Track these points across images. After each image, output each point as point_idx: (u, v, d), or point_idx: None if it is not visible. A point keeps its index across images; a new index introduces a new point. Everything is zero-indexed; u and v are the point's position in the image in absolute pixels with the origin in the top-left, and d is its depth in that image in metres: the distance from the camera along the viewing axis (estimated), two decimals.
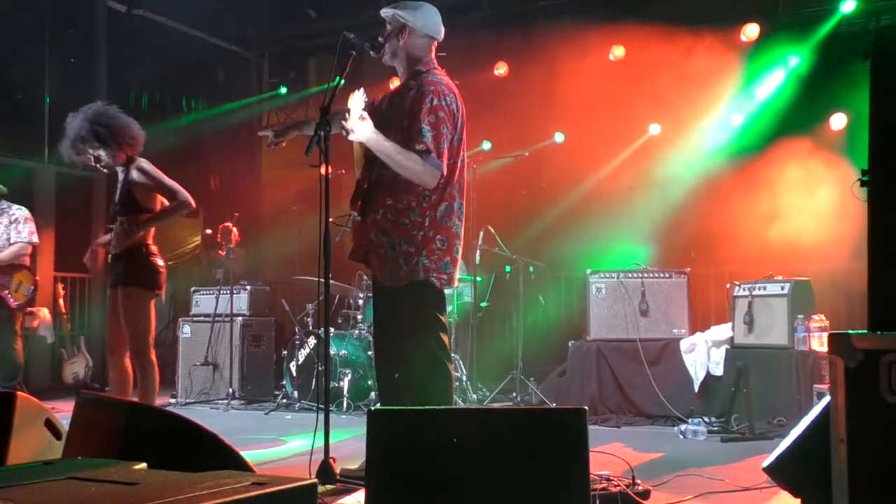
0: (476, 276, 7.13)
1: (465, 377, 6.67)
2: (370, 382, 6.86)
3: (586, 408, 2.58)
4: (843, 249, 6.65)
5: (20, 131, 8.80)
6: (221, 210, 10.65)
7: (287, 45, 11.28)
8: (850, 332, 2.07)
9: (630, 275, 6.57)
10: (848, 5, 7.78)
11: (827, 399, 2.20)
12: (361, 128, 3.53)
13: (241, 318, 7.82)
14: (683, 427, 5.50)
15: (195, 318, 8.08)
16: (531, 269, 7.34)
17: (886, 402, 2.01)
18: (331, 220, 3.88)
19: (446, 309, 3.91)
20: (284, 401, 7.14)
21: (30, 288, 6.51)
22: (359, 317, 7.22)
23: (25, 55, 8.91)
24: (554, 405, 6.24)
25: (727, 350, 6.08)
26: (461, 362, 6.71)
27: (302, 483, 1.85)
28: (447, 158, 3.63)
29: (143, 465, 2.03)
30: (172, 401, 7.62)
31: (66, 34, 9.32)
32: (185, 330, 8.01)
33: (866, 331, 2.10)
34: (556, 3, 9.17)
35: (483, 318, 7.79)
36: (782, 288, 5.87)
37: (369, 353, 6.96)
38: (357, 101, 3.62)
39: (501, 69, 9.15)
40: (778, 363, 5.70)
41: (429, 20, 3.86)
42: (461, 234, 3.81)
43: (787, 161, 7.52)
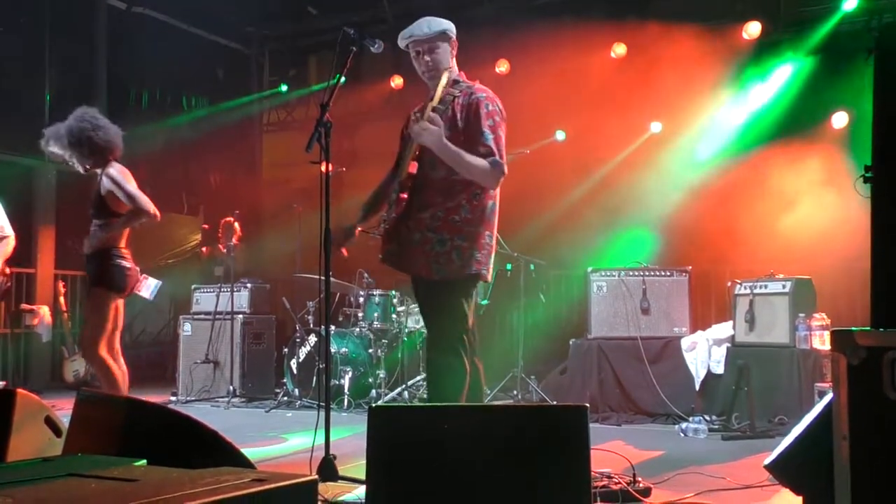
0: None
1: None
2: (371, 380, 6.86)
3: (587, 405, 2.58)
4: (845, 247, 6.64)
5: (20, 129, 8.79)
6: (222, 208, 10.64)
7: (287, 43, 11.27)
8: (853, 328, 2.07)
9: (631, 273, 6.56)
10: (850, 3, 7.76)
11: (829, 396, 2.19)
12: (431, 132, 3.61)
13: (241, 316, 7.81)
14: (684, 425, 5.50)
15: (196, 316, 8.07)
16: (532, 266, 7.32)
17: (889, 399, 2.00)
18: (358, 228, 3.96)
19: None
20: (285, 398, 7.14)
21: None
22: (360, 314, 7.22)
23: (25, 52, 8.90)
24: (555, 403, 6.24)
25: (728, 348, 6.07)
26: None
27: (302, 479, 1.84)
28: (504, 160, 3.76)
29: (144, 462, 2.03)
30: (173, 398, 7.62)
31: (66, 32, 9.31)
32: (186, 328, 8.01)
33: (869, 328, 2.09)
34: (557, 0, 9.16)
35: (484, 316, 7.77)
36: (784, 286, 5.86)
37: (370, 350, 6.96)
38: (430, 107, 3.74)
39: (503, 67, 9.14)
40: (779, 361, 5.69)
41: (450, 24, 3.91)
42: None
43: (789, 159, 7.51)
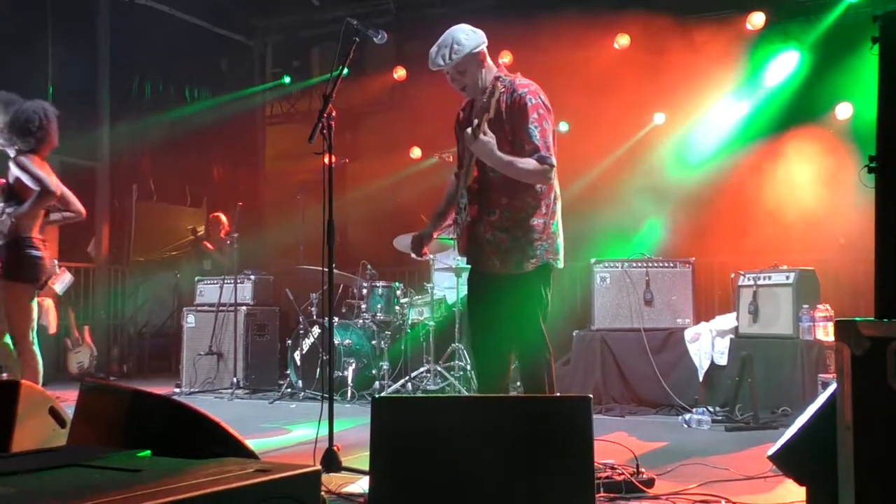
0: None
1: (469, 366, 6.67)
2: (374, 372, 6.87)
3: (591, 397, 2.58)
4: (849, 238, 6.63)
5: None
6: (224, 199, 10.66)
7: (290, 34, 11.25)
8: (857, 319, 2.06)
9: (634, 264, 6.55)
10: None
11: (833, 387, 2.19)
12: (483, 144, 3.62)
13: (245, 308, 7.82)
14: (688, 416, 5.49)
15: (199, 308, 8.08)
16: None
17: (893, 389, 2.00)
18: (435, 234, 4.04)
19: None
20: (289, 390, 7.15)
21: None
22: (363, 306, 7.22)
23: (28, 45, 8.89)
24: (558, 394, 6.23)
25: (732, 340, 6.06)
26: (465, 352, 6.71)
27: (306, 470, 1.84)
28: (553, 151, 3.78)
29: (147, 452, 2.04)
30: (177, 390, 7.63)
31: (69, 24, 9.30)
32: (190, 319, 8.02)
33: (873, 318, 2.08)
34: None
35: None
36: (787, 277, 5.85)
37: (373, 342, 6.97)
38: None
39: (505, 58, 9.11)
40: (782, 353, 5.69)
41: (474, 36, 3.86)
42: None
43: (793, 150, 7.50)
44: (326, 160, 3.77)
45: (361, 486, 3.32)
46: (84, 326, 8.72)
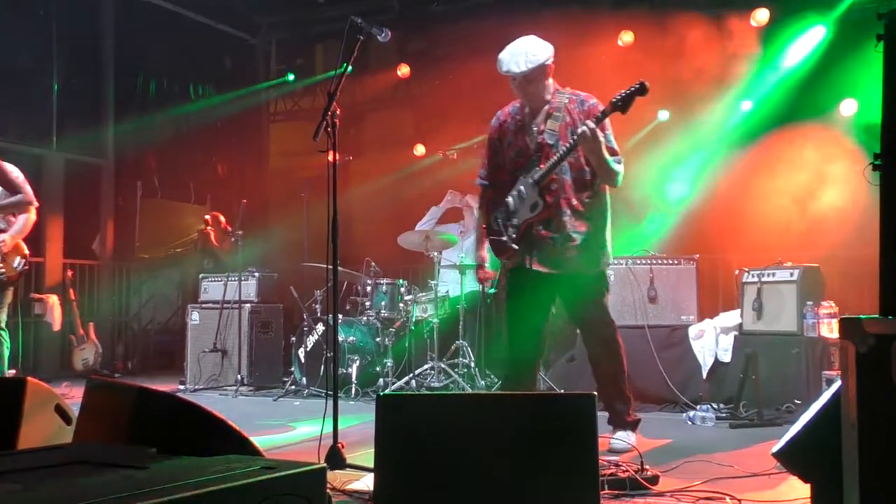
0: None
1: (473, 364, 6.68)
2: (378, 369, 6.87)
3: (595, 394, 2.57)
4: (853, 235, 6.61)
5: (28, 118, 8.82)
6: (229, 197, 10.68)
7: (294, 31, 11.25)
8: (862, 316, 2.06)
9: (638, 261, 6.54)
10: None
11: (837, 384, 2.19)
12: (599, 142, 3.94)
13: (249, 305, 7.83)
14: (692, 413, 5.49)
15: (204, 305, 8.09)
16: None
17: None
18: (503, 239, 4.22)
19: None
20: (293, 387, 7.16)
21: (20, 260, 5.59)
22: (367, 303, 7.23)
23: (33, 42, 8.90)
24: (563, 391, 6.23)
25: (736, 336, 6.06)
26: (469, 349, 6.72)
27: (311, 467, 1.85)
28: None
29: (153, 449, 2.04)
30: (181, 387, 7.64)
31: (73, 21, 9.31)
32: (194, 317, 8.03)
33: (878, 315, 2.08)
34: None
35: (491, 304, 7.78)
36: (791, 274, 5.84)
37: (377, 339, 6.97)
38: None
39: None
40: (787, 350, 5.68)
41: (546, 49, 4.17)
42: None
43: (797, 147, 7.47)
44: (330, 157, 3.77)
45: (366, 482, 3.32)
46: (89, 323, 8.73)
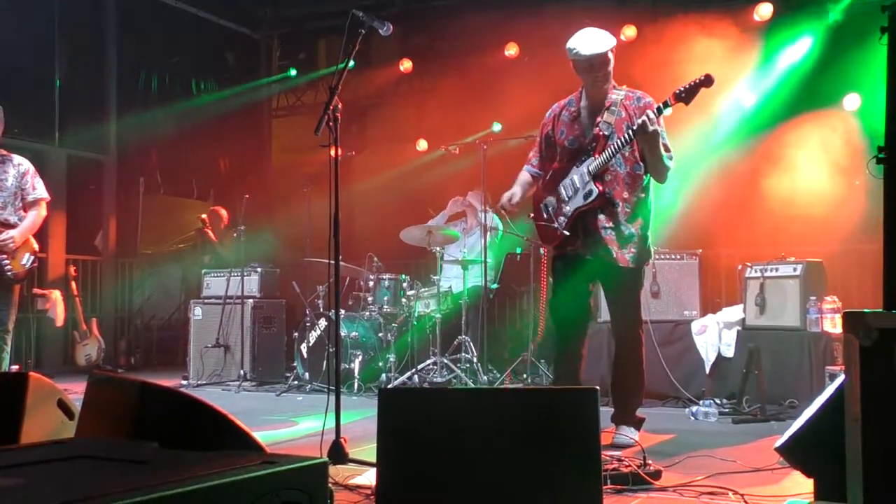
0: (486, 258, 7.11)
1: (475, 359, 6.68)
2: (380, 364, 6.87)
3: (597, 388, 2.57)
4: (857, 230, 6.60)
5: (31, 114, 8.82)
6: (230, 192, 10.67)
7: (296, 27, 11.23)
8: (865, 311, 2.05)
9: None
10: None
11: (840, 379, 2.18)
12: (658, 134, 4.15)
13: (251, 301, 7.83)
14: (695, 408, 5.49)
15: (206, 301, 8.09)
16: (542, 250, 7.31)
17: None
18: (553, 226, 4.33)
19: None
20: (295, 382, 7.16)
21: (28, 257, 5.46)
22: (369, 298, 7.23)
23: (36, 38, 8.90)
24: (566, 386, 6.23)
25: (739, 331, 6.05)
26: (472, 344, 6.72)
27: (312, 462, 1.85)
28: None
29: (155, 444, 2.04)
30: (184, 382, 7.65)
31: (76, 16, 9.31)
32: (197, 312, 8.03)
33: (881, 310, 2.08)
34: None
35: (494, 299, 7.78)
36: (794, 269, 5.84)
37: (380, 334, 6.97)
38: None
39: (512, 50, 9.10)
40: (790, 345, 5.67)
41: (611, 38, 4.26)
42: None
43: (800, 142, 7.45)
44: (333, 152, 3.77)
45: (368, 477, 3.32)
46: (92, 319, 8.75)
